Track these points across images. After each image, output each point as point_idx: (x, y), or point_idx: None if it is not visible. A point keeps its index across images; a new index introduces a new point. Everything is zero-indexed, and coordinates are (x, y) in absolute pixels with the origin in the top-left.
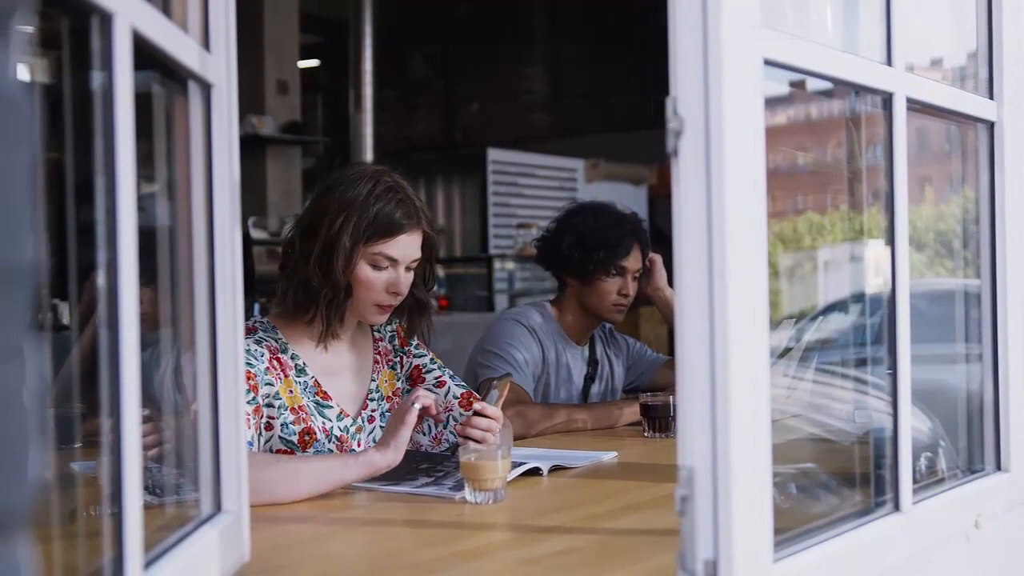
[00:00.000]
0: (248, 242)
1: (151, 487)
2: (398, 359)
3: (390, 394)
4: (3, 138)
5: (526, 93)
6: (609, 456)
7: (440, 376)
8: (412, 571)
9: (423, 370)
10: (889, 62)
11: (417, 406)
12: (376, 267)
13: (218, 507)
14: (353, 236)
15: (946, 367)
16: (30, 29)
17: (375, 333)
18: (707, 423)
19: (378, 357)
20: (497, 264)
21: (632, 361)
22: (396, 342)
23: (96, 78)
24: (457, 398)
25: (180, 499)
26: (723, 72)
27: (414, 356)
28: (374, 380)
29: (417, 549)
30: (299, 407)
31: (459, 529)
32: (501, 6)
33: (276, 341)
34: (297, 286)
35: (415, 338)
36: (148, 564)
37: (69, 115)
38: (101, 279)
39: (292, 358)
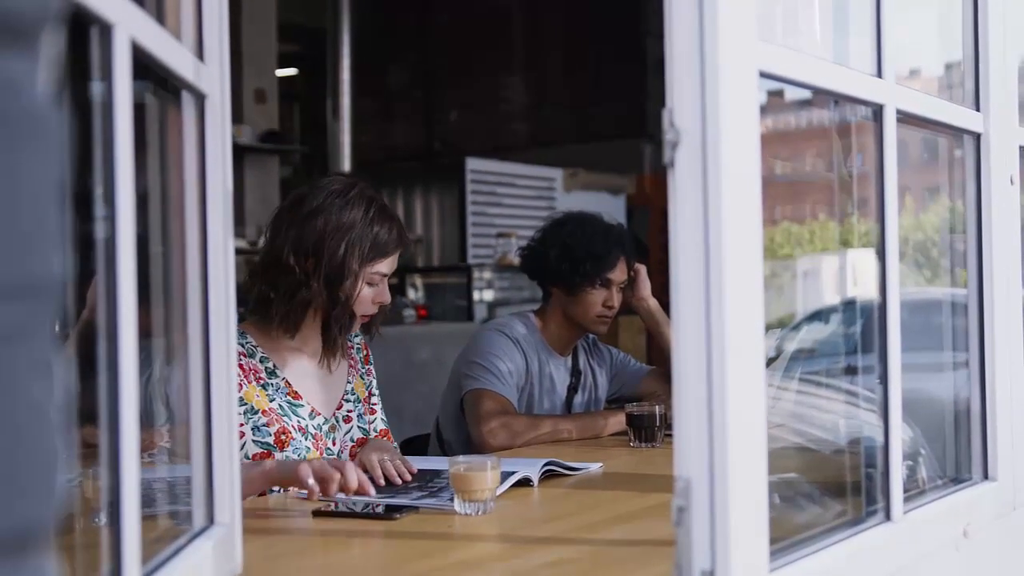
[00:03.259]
0: None
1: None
2: (365, 370)
3: (364, 398)
4: (34, 153)
5: (505, 103)
6: (595, 467)
7: (375, 404)
8: None
9: (371, 392)
10: (879, 74)
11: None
12: (371, 284)
13: (211, 520)
14: (359, 260)
15: (928, 376)
16: (59, 41)
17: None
18: (704, 434)
19: (352, 362)
20: (476, 273)
21: (615, 371)
22: (361, 355)
23: (95, 88)
24: (377, 431)
25: (171, 511)
26: (720, 83)
27: (372, 376)
28: (350, 382)
29: (408, 561)
30: (270, 409)
31: (450, 540)
32: (480, 16)
33: (243, 345)
34: (300, 306)
35: (371, 361)
36: None
37: (66, 125)
38: (100, 291)
39: (261, 361)
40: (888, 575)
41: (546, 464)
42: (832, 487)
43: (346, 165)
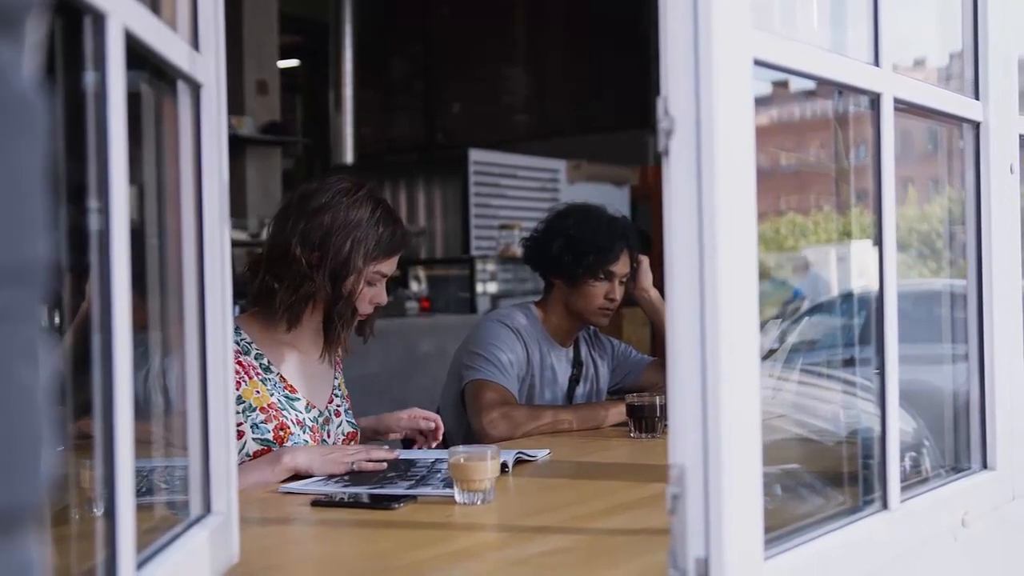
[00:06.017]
0: None
1: (139, 488)
2: (341, 369)
3: (346, 395)
4: (19, 138)
5: (507, 94)
6: (543, 454)
7: (340, 406)
8: (402, 572)
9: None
10: (877, 62)
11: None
12: (370, 283)
13: (208, 508)
14: (364, 258)
15: (930, 367)
16: (42, 28)
17: None
18: (698, 421)
19: (338, 359)
20: (479, 265)
21: (617, 362)
22: (339, 355)
23: (88, 77)
24: (344, 435)
25: (169, 500)
26: (714, 72)
27: (342, 377)
28: (336, 378)
29: (407, 550)
30: (269, 405)
31: (448, 530)
32: (482, 7)
33: (238, 343)
34: (303, 299)
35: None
36: (140, 565)
37: (59, 115)
38: (93, 282)
39: (256, 358)
40: (885, 564)
41: (517, 459)
42: (832, 477)
43: (348, 157)
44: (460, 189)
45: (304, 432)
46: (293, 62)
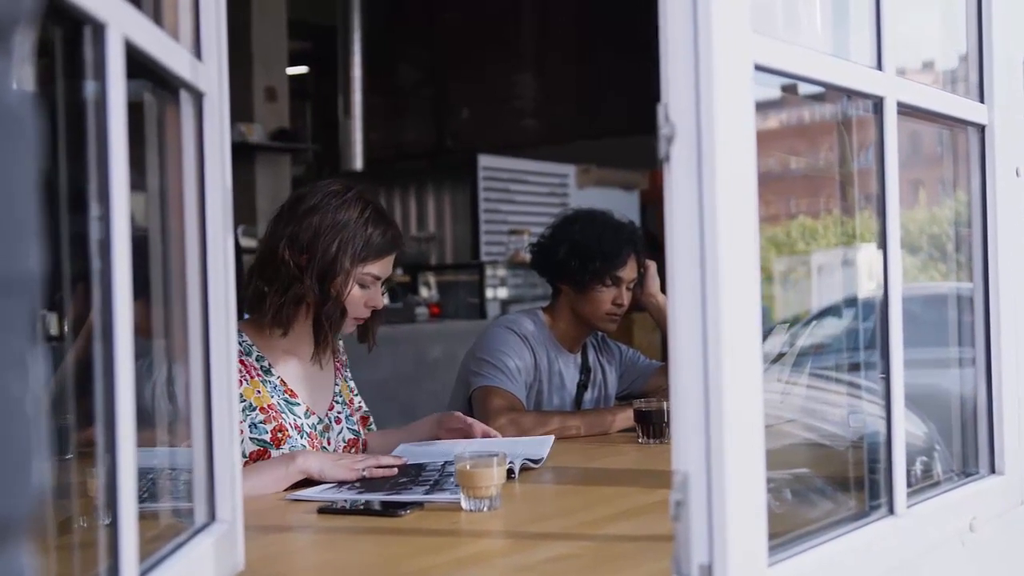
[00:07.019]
0: (237, 251)
1: (143, 496)
2: (347, 374)
3: (348, 400)
4: (6, 149)
5: (516, 99)
6: (547, 443)
7: (358, 400)
8: None
9: (354, 393)
10: (880, 66)
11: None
12: (362, 286)
13: (212, 516)
14: (351, 258)
15: (940, 371)
16: (32, 39)
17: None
18: (701, 427)
19: (339, 365)
20: (489, 271)
21: (625, 368)
22: (345, 360)
23: (88, 87)
24: (345, 442)
25: (174, 507)
26: (714, 77)
27: (350, 379)
28: (337, 384)
29: (413, 557)
30: (268, 406)
31: (455, 536)
32: (490, 12)
33: (240, 344)
34: (292, 301)
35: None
36: (143, 574)
37: (61, 124)
38: (95, 290)
39: (257, 360)
40: (891, 569)
41: (523, 465)
42: (840, 482)
43: (358, 163)
44: (469, 194)
45: (302, 437)
46: (302, 68)
